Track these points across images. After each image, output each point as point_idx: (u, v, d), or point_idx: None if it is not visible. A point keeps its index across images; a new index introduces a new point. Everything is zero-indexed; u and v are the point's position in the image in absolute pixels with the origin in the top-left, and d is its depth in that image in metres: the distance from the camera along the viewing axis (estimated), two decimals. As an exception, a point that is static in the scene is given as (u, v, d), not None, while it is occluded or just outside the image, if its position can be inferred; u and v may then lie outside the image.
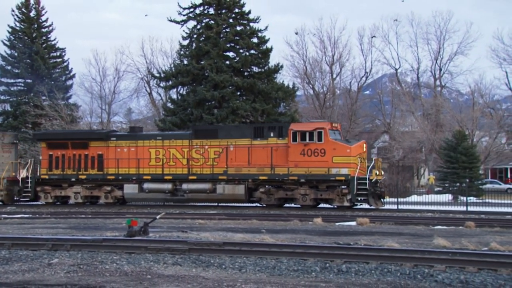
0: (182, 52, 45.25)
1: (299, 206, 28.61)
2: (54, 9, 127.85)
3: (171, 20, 44.90)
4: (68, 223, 21.64)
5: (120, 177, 30.74)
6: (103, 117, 53.67)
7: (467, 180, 37.99)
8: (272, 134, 28.51)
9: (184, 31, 45.09)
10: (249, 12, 44.08)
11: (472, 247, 13.72)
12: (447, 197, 36.85)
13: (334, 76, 55.59)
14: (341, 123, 32.93)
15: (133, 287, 9.79)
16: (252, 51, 43.56)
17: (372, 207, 27.76)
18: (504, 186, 52.14)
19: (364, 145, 29.35)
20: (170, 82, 45.20)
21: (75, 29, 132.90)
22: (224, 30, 43.45)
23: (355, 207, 28.16)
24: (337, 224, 21.48)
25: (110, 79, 55.08)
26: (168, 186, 29.96)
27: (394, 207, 29.15)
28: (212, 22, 43.35)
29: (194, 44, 44.25)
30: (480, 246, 14.12)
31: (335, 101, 55.51)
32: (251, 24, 43.96)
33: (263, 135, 28.67)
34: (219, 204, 30.76)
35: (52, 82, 53.00)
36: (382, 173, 29.03)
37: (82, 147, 31.50)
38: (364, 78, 57.26)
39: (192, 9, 44.30)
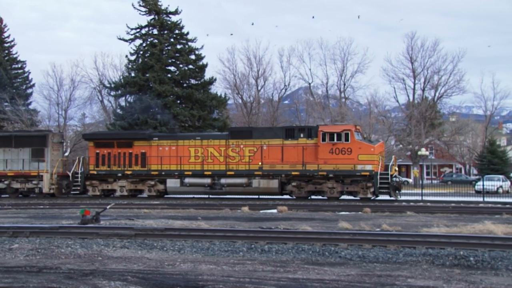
0: (129, 66, 44.56)
1: (325, 198, 27.60)
2: (15, 27, 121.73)
3: (120, 39, 44.27)
4: (28, 213, 20.70)
5: (163, 173, 29.20)
6: (60, 121, 51.66)
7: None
8: (302, 135, 27.47)
9: (131, 48, 44.78)
10: (188, 33, 44.13)
11: (368, 229, 14.21)
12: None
13: (259, 88, 56.16)
14: (360, 126, 31.95)
15: (86, 267, 9.52)
16: (190, 66, 43.51)
17: (392, 198, 27.18)
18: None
19: (383, 145, 28.63)
20: (119, 91, 44.44)
21: (34, 45, 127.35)
22: (166, 48, 43.20)
23: (376, 198, 27.29)
24: (261, 211, 21.50)
25: (66, 88, 53.00)
26: (208, 180, 28.52)
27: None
28: (155, 41, 43.06)
29: (140, 59, 43.74)
30: (374, 228, 14.62)
31: (260, 109, 56.00)
32: (189, 43, 43.99)
33: (294, 135, 27.58)
34: (166, 196, 30.02)
35: (14, 90, 50.55)
36: (397, 169, 28.48)
37: (127, 146, 29.85)
38: (283, 90, 58.02)
39: (138, 30, 43.99)
